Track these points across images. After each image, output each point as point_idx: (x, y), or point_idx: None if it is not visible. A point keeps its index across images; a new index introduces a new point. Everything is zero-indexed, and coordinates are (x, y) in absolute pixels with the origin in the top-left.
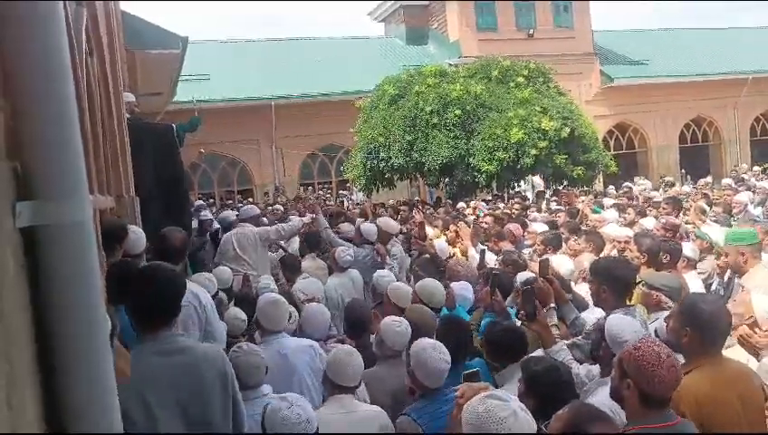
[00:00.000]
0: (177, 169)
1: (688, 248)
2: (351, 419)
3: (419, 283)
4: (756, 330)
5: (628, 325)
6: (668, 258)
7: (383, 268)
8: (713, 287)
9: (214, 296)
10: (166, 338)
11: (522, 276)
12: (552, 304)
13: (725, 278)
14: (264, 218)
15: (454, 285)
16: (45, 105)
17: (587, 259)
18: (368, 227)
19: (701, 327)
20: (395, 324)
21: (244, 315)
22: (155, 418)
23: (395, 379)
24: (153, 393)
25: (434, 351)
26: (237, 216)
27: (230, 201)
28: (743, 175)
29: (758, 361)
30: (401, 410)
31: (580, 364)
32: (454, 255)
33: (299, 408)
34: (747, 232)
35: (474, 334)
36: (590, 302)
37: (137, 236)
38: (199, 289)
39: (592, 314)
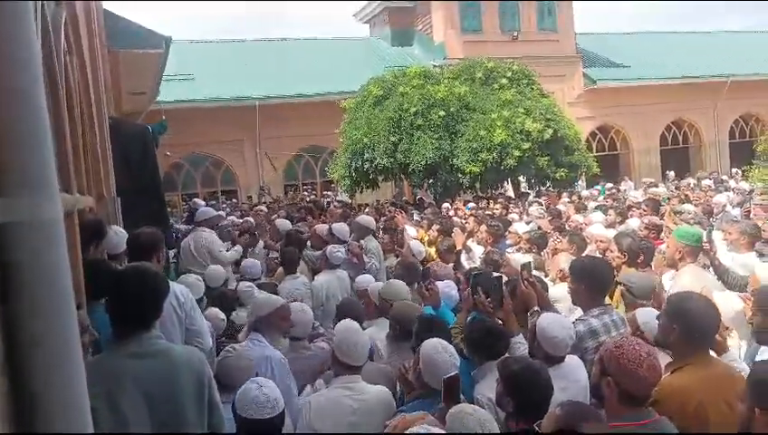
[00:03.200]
0: (155, 170)
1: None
2: (360, 399)
3: (384, 285)
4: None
5: (559, 324)
6: (642, 258)
7: (361, 267)
8: None
9: (200, 300)
10: (143, 340)
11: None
12: (536, 307)
13: None
14: (250, 218)
15: (439, 283)
16: (14, 103)
17: (563, 259)
18: (339, 227)
19: (689, 325)
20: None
21: (223, 314)
22: (125, 420)
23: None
24: (123, 396)
25: (444, 353)
26: (195, 219)
27: (213, 202)
28: (722, 177)
29: (718, 356)
30: None
31: None
32: (436, 258)
33: (267, 389)
34: (694, 234)
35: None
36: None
37: (119, 236)
38: (178, 286)
39: (574, 315)
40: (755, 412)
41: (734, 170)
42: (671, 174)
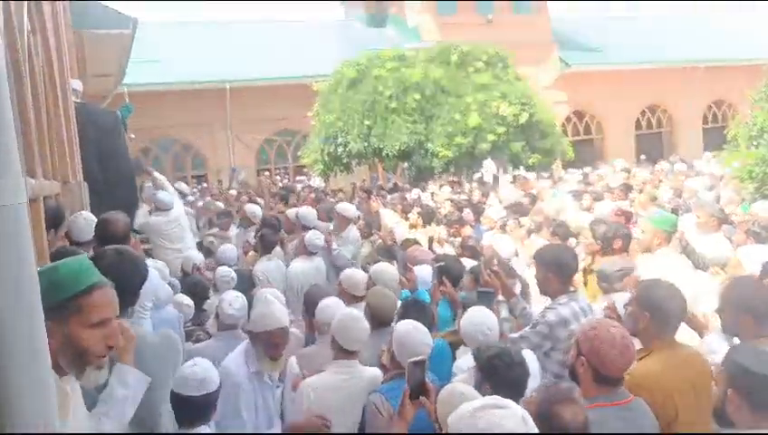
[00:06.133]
0: (125, 155)
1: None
2: (353, 383)
3: (373, 267)
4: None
5: (484, 317)
6: (620, 244)
7: (328, 253)
8: None
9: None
10: None
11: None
12: (501, 298)
13: None
14: (219, 203)
15: (416, 268)
16: None
17: (537, 245)
18: (305, 213)
19: (658, 311)
20: (326, 305)
21: (189, 300)
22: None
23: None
24: None
25: (416, 333)
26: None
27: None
28: (695, 162)
29: (701, 337)
30: None
31: None
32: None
33: (199, 367)
34: (670, 219)
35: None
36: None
37: (87, 223)
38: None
39: (541, 305)
40: (728, 393)
41: (706, 155)
42: (618, 163)
